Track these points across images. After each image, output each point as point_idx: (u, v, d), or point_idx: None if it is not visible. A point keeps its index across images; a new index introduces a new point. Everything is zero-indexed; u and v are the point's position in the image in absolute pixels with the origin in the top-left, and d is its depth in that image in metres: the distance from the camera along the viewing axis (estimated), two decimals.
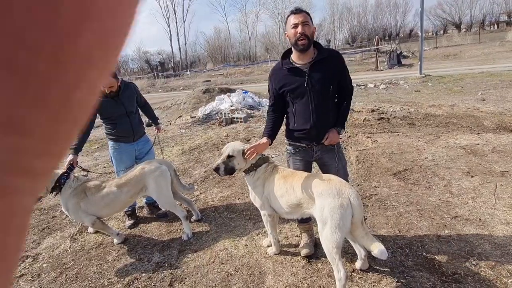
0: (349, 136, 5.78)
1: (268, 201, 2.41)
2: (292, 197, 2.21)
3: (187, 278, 2.46)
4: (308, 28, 2.15)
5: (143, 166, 3.04)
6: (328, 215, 1.98)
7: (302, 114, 2.30)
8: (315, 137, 2.34)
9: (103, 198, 2.87)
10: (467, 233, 2.61)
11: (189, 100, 11.66)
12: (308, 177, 2.21)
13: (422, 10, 13.71)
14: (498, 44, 23.12)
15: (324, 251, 2.06)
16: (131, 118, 3.32)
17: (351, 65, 24.76)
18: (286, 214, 2.35)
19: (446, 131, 5.50)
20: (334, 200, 1.98)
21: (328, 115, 2.33)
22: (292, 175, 2.31)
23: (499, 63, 14.50)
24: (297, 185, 2.20)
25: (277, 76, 2.37)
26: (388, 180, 3.79)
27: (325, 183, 2.07)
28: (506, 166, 3.75)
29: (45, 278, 2.68)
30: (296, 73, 2.26)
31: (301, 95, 2.26)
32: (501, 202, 3.01)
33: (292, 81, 2.27)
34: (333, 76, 2.26)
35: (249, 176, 2.46)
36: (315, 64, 2.22)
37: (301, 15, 2.15)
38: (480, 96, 8.23)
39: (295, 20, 2.15)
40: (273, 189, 2.32)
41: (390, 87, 11.83)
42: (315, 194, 2.07)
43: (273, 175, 2.37)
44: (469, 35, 35.10)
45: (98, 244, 3.13)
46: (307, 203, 2.15)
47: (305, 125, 2.31)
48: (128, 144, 3.36)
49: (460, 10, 50.36)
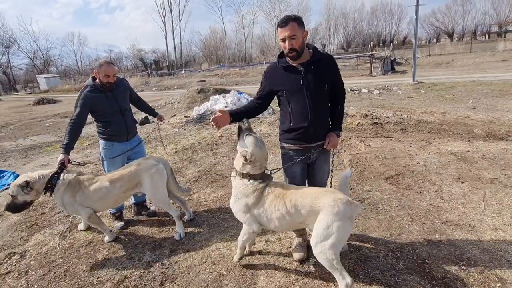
0: (343, 140, 5.82)
1: (256, 219, 2.27)
2: (296, 217, 2.11)
3: (178, 278, 2.44)
4: (296, 41, 2.16)
5: (139, 162, 3.00)
6: (334, 232, 1.94)
7: (299, 112, 2.31)
8: (312, 136, 2.36)
9: (96, 192, 2.83)
10: (457, 238, 2.65)
11: (184, 99, 11.60)
12: (312, 193, 2.11)
13: (417, 18, 13.95)
14: (489, 54, 23.64)
15: (320, 261, 2.04)
16: (125, 116, 3.22)
17: (346, 70, 24.99)
18: (281, 230, 2.32)
19: (437, 138, 5.59)
20: (344, 222, 1.96)
21: (324, 114, 2.38)
22: (287, 193, 2.17)
23: (489, 73, 14.82)
24: (300, 203, 2.09)
25: (274, 74, 2.38)
26: (381, 184, 3.83)
27: (336, 202, 1.98)
28: (495, 173, 3.82)
29: (33, 275, 2.63)
30: (292, 71, 2.28)
31: (298, 93, 2.28)
32: (490, 208, 3.07)
33: (288, 79, 2.29)
34: (327, 76, 2.30)
35: (234, 180, 2.30)
36: (310, 64, 2.26)
37: (287, 28, 2.14)
38: (471, 104, 8.40)
39: (282, 35, 2.17)
40: (269, 212, 2.18)
41: (383, 92, 11.97)
42: (325, 211, 1.99)
43: (265, 196, 2.20)
44: (461, 44, 35.78)
45: (88, 242, 3.08)
46: (311, 220, 2.09)
47: (302, 123, 2.31)
48: (121, 143, 3.26)
49: (453, 20, 51.32)
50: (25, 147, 7.72)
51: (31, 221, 3.60)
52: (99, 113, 3.13)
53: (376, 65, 20.59)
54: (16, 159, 6.66)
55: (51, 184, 2.77)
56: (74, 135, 2.94)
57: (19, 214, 3.82)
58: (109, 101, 3.11)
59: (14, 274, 2.67)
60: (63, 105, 18.33)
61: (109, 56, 55.42)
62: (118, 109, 3.17)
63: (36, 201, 4.16)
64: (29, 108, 18.16)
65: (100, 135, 3.24)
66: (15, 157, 6.79)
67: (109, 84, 3.07)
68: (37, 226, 3.49)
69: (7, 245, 3.15)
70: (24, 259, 2.89)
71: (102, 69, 3.00)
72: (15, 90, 40.24)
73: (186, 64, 50.37)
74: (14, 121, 12.92)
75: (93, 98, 3.04)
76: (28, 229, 3.44)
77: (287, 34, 2.14)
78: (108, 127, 3.16)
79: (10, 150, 7.50)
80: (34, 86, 39.02)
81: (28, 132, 10.09)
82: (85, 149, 7.08)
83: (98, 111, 3.12)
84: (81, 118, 2.99)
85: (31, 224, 3.53)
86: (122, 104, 3.22)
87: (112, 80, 3.07)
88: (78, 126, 2.98)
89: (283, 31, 2.16)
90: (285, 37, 2.15)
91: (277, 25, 2.22)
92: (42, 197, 4.32)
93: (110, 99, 3.12)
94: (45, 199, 4.22)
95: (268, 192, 2.22)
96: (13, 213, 3.22)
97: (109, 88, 3.10)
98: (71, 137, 2.91)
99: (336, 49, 56.51)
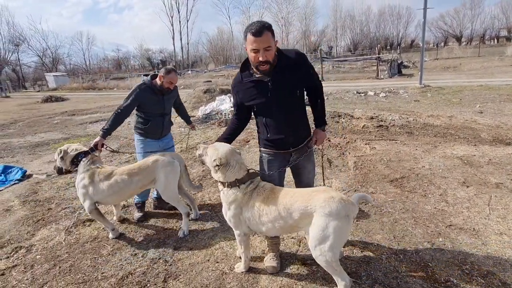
0: (348, 142, 5.80)
1: (245, 222, 2.22)
2: (288, 220, 2.02)
3: (181, 275, 2.46)
4: (270, 53, 1.97)
5: (156, 158, 3.03)
6: (331, 234, 1.87)
7: (274, 126, 2.21)
8: (292, 144, 2.28)
9: (111, 186, 2.89)
10: (460, 242, 2.64)
11: (190, 99, 11.67)
12: (302, 195, 2.03)
13: (424, 22, 13.87)
14: (498, 59, 23.37)
15: (319, 263, 2.00)
16: (164, 118, 3.39)
17: (352, 72, 24.93)
18: (272, 234, 2.22)
19: (443, 141, 5.55)
20: (340, 221, 1.86)
21: (301, 121, 2.30)
22: (276, 195, 2.09)
23: (497, 77, 14.66)
24: (291, 206, 2.00)
25: (240, 89, 2.23)
26: (385, 187, 3.81)
27: (328, 201, 1.89)
28: (501, 178, 3.79)
29: (38, 269, 2.67)
30: (258, 86, 2.12)
31: (268, 107, 2.16)
32: (495, 213, 3.05)
33: (255, 94, 2.15)
34: (298, 81, 2.16)
35: (223, 193, 2.23)
36: (276, 73, 2.07)
37: (262, 38, 1.91)
38: (478, 109, 8.32)
39: (255, 45, 1.94)
40: (259, 215, 2.11)
41: (389, 95, 11.91)
42: (318, 213, 1.90)
43: (254, 200, 2.14)
44: (469, 48, 35.45)
45: (93, 237, 3.13)
46: (304, 223, 1.99)
47: (279, 135, 2.22)
48: (154, 140, 3.42)
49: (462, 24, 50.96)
50: (33, 144, 7.83)
51: (37, 216, 3.65)
52: (144, 110, 3.28)
53: (382, 68, 20.50)
54: (24, 155, 6.76)
55: (77, 160, 2.92)
56: (116, 123, 3.08)
57: (26, 209, 3.90)
58: (158, 104, 3.28)
59: (20, 267, 2.71)
60: (71, 103, 18.54)
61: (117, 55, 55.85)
62: (162, 112, 3.33)
63: (42, 197, 4.24)
64: (38, 106, 18.39)
65: (137, 129, 3.39)
66: (23, 153, 6.89)
67: (168, 90, 3.25)
68: (43, 221, 3.54)
69: (14, 239, 3.20)
70: (30, 253, 2.93)
71: (169, 76, 3.19)
72: (24, 87, 40.76)
73: (192, 64, 50.61)
74: (23, 118, 13.11)
75: (145, 97, 3.20)
76: (35, 224, 3.49)
77: (263, 45, 1.93)
78: (146, 125, 3.30)
79: (18, 147, 7.62)
80: (42, 84, 39.48)
81: (36, 129, 10.23)
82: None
83: (145, 109, 3.27)
84: (127, 110, 3.14)
85: (38, 219, 3.59)
86: (168, 108, 3.41)
87: (172, 87, 3.27)
88: (122, 117, 3.11)
89: (257, 41, 1.92)
90: (259, 48, 1.94)
91: (248, 33, 1.94)
92: (48, 193, 4.40)
93: (160, 102, 3.28)
94: (52, 195, 4.29)
95: (257, 194, 2.15)
96: (58, 175, 3.92)
97: (165, 92, 3.26)
98: (113, 123, 3.05)
99: (343, 51, 56.43)
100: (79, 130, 9.57)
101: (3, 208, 3.99)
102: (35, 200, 4.16)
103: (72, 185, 4.59)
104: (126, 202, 3.83)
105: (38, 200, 4.14)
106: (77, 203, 3.95)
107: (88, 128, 9.83)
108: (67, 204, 3.95)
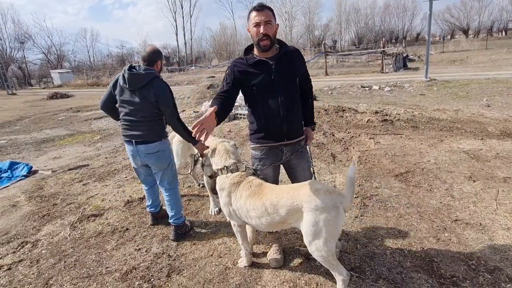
0: (352, 136, 5.76)
1: (236, 213, 2.21)
2: (275, 216, 1.98)
3: (185, 270, 2.47)
4: (270, 27, 2.05)
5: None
6: (322, 228, 1.83)
7: (270, 110, 2.18)
8: (286, 134, 2.24)
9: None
10: (467, 237, 2.60)
11: (193, 94, 11.65)
12: (288, 190, 1.99)
13: (430, 14, 13.62)
14: (506, 51, 22.96)
15: (316, 258, 1.97)
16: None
17: (356, 66, 24.70)
18: (263, 229, 2.22)
19: (449, 135, 5.47)
20: (329, 213, 1.81)
21: (297, 109, 2.28)
22: (264, 191, 2.07)
23: (505, 70, 14.41)
24: (277, 203, 1.96)
25: (241, 68, 2.18)
26: (390, 182, 3.78)
27: (313, 195, 1.85)
28: (509, 172, 3.73)
29: (44, 264, 2.70)
30: (262, 66, 2.14)
31: (268, 88, 2.15)
32: (503, 207, 3.00)
33: (258, 74, 2.15)
34: (297, 68, 2.25)
35: (218, 180, 2.26)
36: (280, 57, 2.15)
37: (263, 13, 2.03)
38: (485, 102, 8.19)
39: (257, 19, 2.04)
40: (246, 209, 2.10)
41: (394, 89, 11.78)
42: (305, 208, 1.86)
43: (241, 192, 2.12)
44: (477, 41, 34.89)
45: (97, 233, 3.14)
46: (293, 219, 1.96)
47: (274, 121, 2.19)
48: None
49: (469, 16, 50.13)
50: (38, 140, 7.90)
51: (43, 212, 3.69)
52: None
53: (387, 62, 20.26)
54: (29, 151, 6.82)
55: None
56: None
57: (31, 204, 3.94)
58: None
59: (26, 262, 2.74)
60: (76, 100, 18.65)
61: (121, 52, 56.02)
62: None
63: (48, 193, 4.28)
64: (43, 102, 18.53)
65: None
66: (29, 150, 6.95)
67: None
68: (49, 217, 3.57)
69: (20, 234, 3.23)
70: (36, 248, 2.96)
71: None
72: (29, 84, 41.11)
73: (196, 60, 50.54)
74: (29, 114, 13.22)
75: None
76: (40, 219, 3.52)
77: (264, 18, 2.03)
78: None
79: (24, 143, 7.69)
80: (48, 81, 39.75)
81: (42, 125, 10.31)
82: (96, 142, 7.20)
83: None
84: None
85: (43, 215, 3.62)
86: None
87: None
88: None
89: (258, 14, 2.03)
90: (260, 21, 2.03)
91: (251, 10, 2.09)
92: (53, 188, 4.43)
93: None
94: (57, 191, 4.33)
95: (243, 187, 2.13)
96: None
97: None
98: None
99: (347, 45, 55.81)
100: (84, 126, 9.62)
101: (9, 203, 4.03)
102: (40, 195, 4.20)
103: (76, 180, 4.62)
104: (130, 197, 3.84)
105: (43, 196, 4.17)
106: (81, 198, 3.98)
107: (92, 124, 9.88)
108: (72, 200, 3.97)
